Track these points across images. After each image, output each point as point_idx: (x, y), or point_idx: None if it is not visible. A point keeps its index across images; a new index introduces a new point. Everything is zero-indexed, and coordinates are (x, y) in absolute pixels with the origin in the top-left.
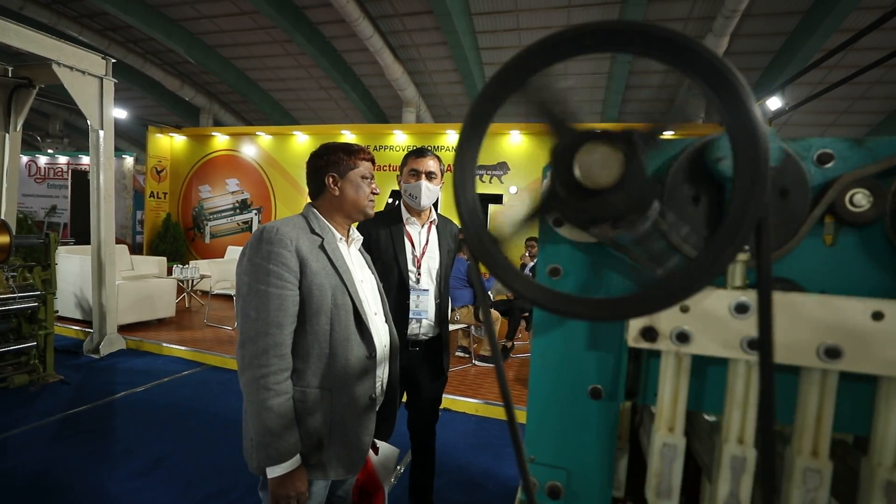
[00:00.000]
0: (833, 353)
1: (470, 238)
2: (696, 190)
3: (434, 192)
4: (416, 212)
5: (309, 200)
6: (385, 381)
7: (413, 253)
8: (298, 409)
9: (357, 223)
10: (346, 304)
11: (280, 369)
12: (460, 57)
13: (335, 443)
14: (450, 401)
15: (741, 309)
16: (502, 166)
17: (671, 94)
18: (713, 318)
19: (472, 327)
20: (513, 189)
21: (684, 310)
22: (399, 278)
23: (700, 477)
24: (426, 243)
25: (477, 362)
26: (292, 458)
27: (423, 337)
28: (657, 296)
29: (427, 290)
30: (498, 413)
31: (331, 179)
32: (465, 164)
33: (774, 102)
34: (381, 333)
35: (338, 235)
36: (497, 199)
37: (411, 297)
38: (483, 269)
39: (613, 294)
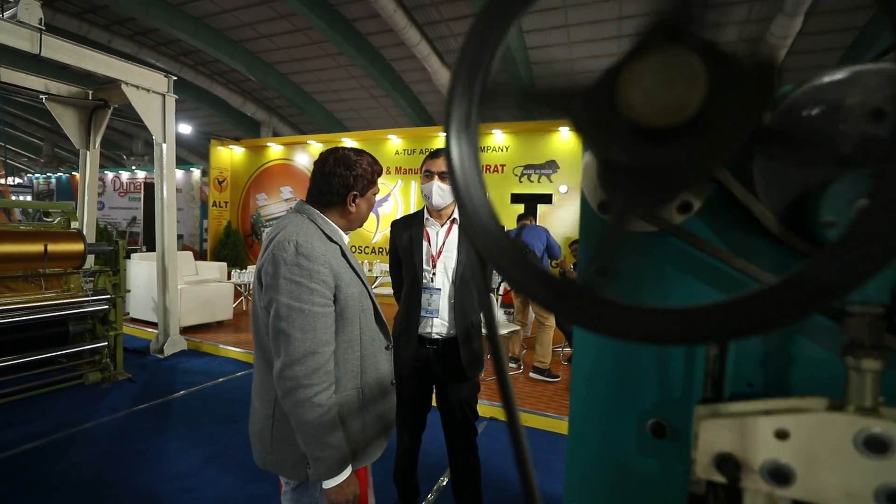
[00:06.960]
0: None
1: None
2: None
3: (447, 192)
4: (436, 212)
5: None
6: None
7: (429, 251)
8: (341, 414)
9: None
10: (368, 307)
11: (329, 385)
12: (507, 58)
13: (371, 431)
14: (495, 409)
15: (876, 446)
16: (551, 165)
17: None
18: (829, 453)
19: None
20: (563, 188)
21: (782, 436)
22: (414, 276)
23: None
24: (443, 242)
25: (533, 375)
26: (347, 465)
27: (437, 335)
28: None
29: (439, 290)
30: (546, 424)
31: (352, 197)
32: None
33: None
34: None
35: (346, 239)
36: (546, 198)
37: (423, 295)
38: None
39: (677, 302)
